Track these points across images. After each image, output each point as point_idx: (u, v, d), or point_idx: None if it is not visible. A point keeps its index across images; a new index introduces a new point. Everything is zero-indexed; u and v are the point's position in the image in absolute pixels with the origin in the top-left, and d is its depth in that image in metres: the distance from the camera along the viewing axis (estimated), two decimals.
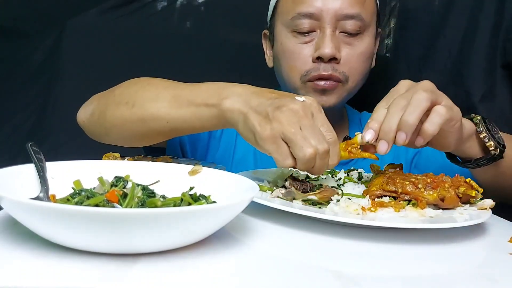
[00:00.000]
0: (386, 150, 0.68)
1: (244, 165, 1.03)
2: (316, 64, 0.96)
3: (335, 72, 0.95)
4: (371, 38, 1.00)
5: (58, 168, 0.63)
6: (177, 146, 1.03)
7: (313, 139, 0.64)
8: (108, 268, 0.45)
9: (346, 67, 0.97)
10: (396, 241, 0.62)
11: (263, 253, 0.55)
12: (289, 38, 0.99)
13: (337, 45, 0.95)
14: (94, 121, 0.86)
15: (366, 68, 1.02)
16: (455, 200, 0.69)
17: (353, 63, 0.98)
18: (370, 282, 0.49)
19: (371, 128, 0.69)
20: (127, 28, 1.35)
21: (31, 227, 0.49)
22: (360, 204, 0.66)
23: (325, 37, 0.94)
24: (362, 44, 0.98)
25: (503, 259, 0.59)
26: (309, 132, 0.64)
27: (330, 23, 0.95)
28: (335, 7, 0.94)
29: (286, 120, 0.64)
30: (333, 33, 0.95)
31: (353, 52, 0.97)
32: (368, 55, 1.00)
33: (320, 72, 0.95)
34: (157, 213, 0.46)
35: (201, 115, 0.73)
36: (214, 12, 1.36)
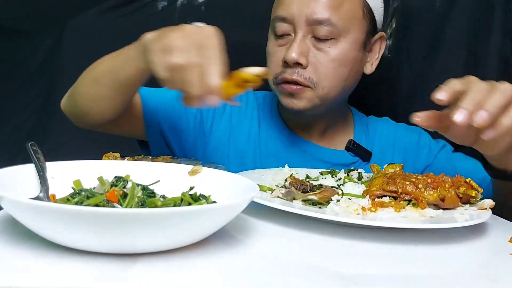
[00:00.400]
0: (462, 120, 0.63)
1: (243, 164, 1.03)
2: (283, 68, 0.97)
3: (300, 77, 0.95)
4: (348, 44, 0.97)
5: (58, 168, 0.63)
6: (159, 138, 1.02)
7: (188, 51, 0.64)
8: (108, 268, 0.45)
9: (313, 72, 0.96)
10: (396, 241, 0.62)
11: (263, 253, 0.55)
12: (271, 39, 1.01)
13: (304, 50, 0.95)
14: (68, 102, 0.95)
15: (343, 73, 0.98)
16: (455, 200, 0.69)
17: (323, 69, 0.96)
18: (370, 282, 0.49)
19: (446, 91, 0.67)
20: (127, 28, 1.35)
21: (31, 227, 0.49)
22: (360, 204, 0.66)
23: (293, 42, 0.95)
24: (335, 50, 0.96)
25: (503, 259, 0.59)
26: (186, 43, 0.65)
27: (301, 28, 0.95)
28: (306, 12, 0.94)
29: (175, 33, 0.67)
30: (304, 38, 0.95)
31: (323, 59, 0.96)
32: (343, 59, 0.97)
33: (284, 75, 0.96)
34: (157, 213, 0.46)
35: (131, 54, 0.77)
36: (214, 12, 1.36)
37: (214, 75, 0.64)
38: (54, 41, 1.36)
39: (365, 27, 1.00)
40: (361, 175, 0.85)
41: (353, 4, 0.97)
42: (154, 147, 1.03)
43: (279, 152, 1.05)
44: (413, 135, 1.12)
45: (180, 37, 0.66)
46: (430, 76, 1.27)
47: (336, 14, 0.95)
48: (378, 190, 0.70)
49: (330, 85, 0.98)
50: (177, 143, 1.03)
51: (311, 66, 0.96)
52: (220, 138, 1.05)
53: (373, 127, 1.14)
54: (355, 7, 0.98)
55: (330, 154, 1.06)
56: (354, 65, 1.00)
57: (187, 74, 0.64)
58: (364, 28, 1.00)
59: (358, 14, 0.98)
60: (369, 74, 1.04)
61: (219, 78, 0.64)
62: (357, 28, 0.98)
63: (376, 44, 1.05)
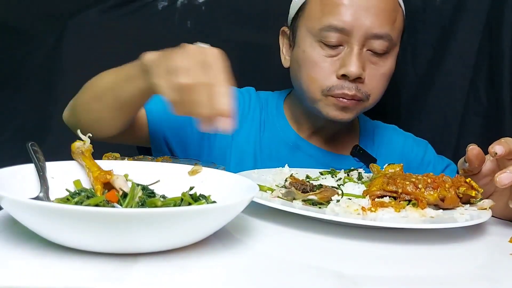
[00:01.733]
0: (506, 185, 0.66)
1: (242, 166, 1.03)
2: (340, 81, 0.93)
3: (359, 92, 0.93)
4: (395, 57, 0.98)
5: (58, 168, 0.63)
6: (162, 145, 1.01)
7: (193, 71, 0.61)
8: (108, 268, 0.45)
9: (368, 86, 0.95)
10: (396, 241, 0.62)
11: (263, 253, 0.55)
12: (314, 47, 0.95)
13: (363, 64, 0.93)
14: (69, 113, 0.93)
15: (386, 86, 1.00)
16: (455, 200, 0.69)
17: (376, 83, 0.96)
18: (370, 282, 0.49)
19: (504, 146, 0.69)
20: (127, 27, 1.35)
21: (31, 227, 0.49)
22: (360, 204, 0.66)
23: (352, 55, 0.92)
24: (387, 64, 0.96)
25: (504, 260, 0.59)
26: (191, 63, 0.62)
27: (359, 40, 0.92)
28: (366, 24, 0.91)
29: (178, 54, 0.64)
30: (360, 51, 0.93)
31: (377, 72, 0.95)
32: (390, 75, 0.99)
33: (344, 91, 0.93)
34: (157, 213, 0.46)
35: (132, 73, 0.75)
36: (214, 11, 1.36)
37: (224, 96, 0.60)
38: (54, 41, 1.36)
39: (401, 38, 1.01)
40: (361, 175, 0.85)
41: (400, 18, 0.97)
42: (157, 153, 1.02)
43: (282, 155, 1.04)
44: (420, 150, 1.13)
45: (184, 57, 0.63)
46: (434, 78, 1.27)
47: (393, 29, 0.94)
48: (378, 190, 0.70)
49: (377, 98, 0.99)
50: (181, 149, 1.02)
51: (367, 80, 0.95)
52: (223, 141, 1.04)
53: (380, 135, 1.13)
54: (401, 21, 0.98)
55: (335, 159, 1.05)
56: (391, 76, 1.01)
57: (195, 94, 0.60)
58: (401, 38, 1.01)
59: (401, 25, 0.99)
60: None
61: (229, 99, 0.60)
62: (399, 40, 1.00)
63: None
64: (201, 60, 0.62)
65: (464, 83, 1.22)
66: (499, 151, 0.68)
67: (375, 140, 1.12)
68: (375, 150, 1.09)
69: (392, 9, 0.94)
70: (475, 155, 0.71)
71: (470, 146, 0.72)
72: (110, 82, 0.80)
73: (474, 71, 1.21)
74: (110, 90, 0.80)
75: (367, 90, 0.95)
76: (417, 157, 1.11)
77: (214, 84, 0.61)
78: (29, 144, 0.65)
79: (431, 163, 1.10)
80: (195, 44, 0.66)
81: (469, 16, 1.22)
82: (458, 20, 1.23)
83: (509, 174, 0.66)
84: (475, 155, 0.71)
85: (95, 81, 0.85)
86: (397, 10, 0.96)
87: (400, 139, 1.14)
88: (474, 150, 0.71)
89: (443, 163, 1.11)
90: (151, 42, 1.35)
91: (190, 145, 1.03)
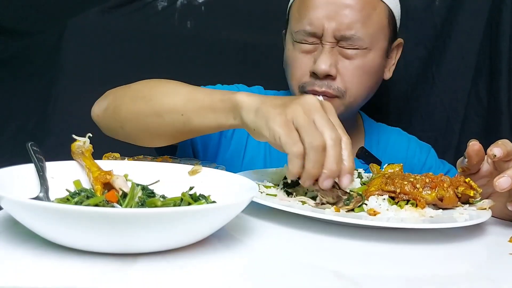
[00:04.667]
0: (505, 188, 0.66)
1: (254, 166, 1.02)
2: (311, 78, 0.96)
3: (329, 88, 0.95)
4: (374, 53, 0.97)
5: (58, 168, 0.63)
6: (188, 146, 1.02)
7: (326, 129, 0.62)
8: (108, 268, 0.45)
9: (342, 82, 0.95)
10: (396, 241, 0.62)
11: (263, 253, 0.55)
12: (294, 47, 0.99)
13: (334, 61, 0.94)
14: (108, 115, 0.86)
15: (369, 81, 0.99)
16: (454, 200, 0.69)
17: (350, 77, 0.96)
18: (370, 282, 0.49)
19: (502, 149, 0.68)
20: (128, 28, 1.35)
21: (31, 227, 0.49)
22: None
23: (322, 53, 0.94)
24: (363, 59, 0.96)
25: (503, 259, 0.59)
26: (322, 123, 0.63)
27: (329, 41, 0.94)
28: (332, 27, 0.93)
29: (301, 109, 0.63)
30: (332, 49, 0.94)
31: (350, 66, 0.95)
32: (370, 68, 0.98)
33: (314, 88, 0.95)
34: (157, 213, 0.46)
35: (215, 106, 0.73)
36: (214, 12, 1.36)
37: (352, 156, 0.64)
38: (55, 41, 1.36)
39: (388, 35, 1.00)
40: (361, 175, 0.85)
41: (380, 15, 0.97)
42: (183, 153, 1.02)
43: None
44: (422, 154, 1.13)
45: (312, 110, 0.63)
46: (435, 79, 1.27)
47: (363, 29, 0.94)
48: (377, 191, 0.70)
49: (357, 93, 0.98)
50: (203, 149, 1.03)
51: (340, 75, 0.95)
52: (238, 143, 1.05)
53: (385, 138, 1.13)
54: (381, 17, 0.97)
55: None
56: (378, 72, 1.00)
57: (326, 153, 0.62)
58: (387, 35, 1.00)
59: (383, 23, 0.98)
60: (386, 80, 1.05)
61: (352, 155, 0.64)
62: (383, 37, 0.98)
63: (394, 50, 1.05)
64: (322, 116, 0.63)
65: (466, 83, 1.22)
66: (498, 153, 0.68)
67: (380, 143, 1.12)
68: (379, 152, 1.09)
69: (362, 8, 0.94)
70: (476, 151, 0.71)
71: (472, 142, 0.71)
72: (181, 105, 0.76)
73: (476, 72, 1.21)
74: (179, 113, 0.76)
75: (340, 86, 0.95)
76: (419, 161, 1.11)
77: (339, 142, 0.62)
78: (29, 144, 0.65)
79: (432, 167, 1.11)
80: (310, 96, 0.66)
81: (469, 16, 1.21)
82: (459, 20, 1.23)
83: (508, 178, 0.66)
84: (475, 151, 0.71)
85: (154, 94, 0.81)
86: (372, 6, 0.95)
87: (404, 143, 1.14)
88: (475, 146, 0.71)
89: (444, 168, 1.11)
90: (151, 42, 1.36)
91: (211, 145, 1.04)
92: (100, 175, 0.60)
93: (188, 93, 0.77)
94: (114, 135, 0.89)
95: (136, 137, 0.85)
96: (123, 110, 0.82)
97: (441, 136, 1.25)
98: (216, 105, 0.73)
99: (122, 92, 0.86)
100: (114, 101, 0.86)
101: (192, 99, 0.76)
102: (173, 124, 0.78)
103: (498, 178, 0.66)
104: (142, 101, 0.80)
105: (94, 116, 0.90)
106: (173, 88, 0.80)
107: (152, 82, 0.84)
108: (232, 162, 1.03)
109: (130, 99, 0.82)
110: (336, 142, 0.62)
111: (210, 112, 0.73)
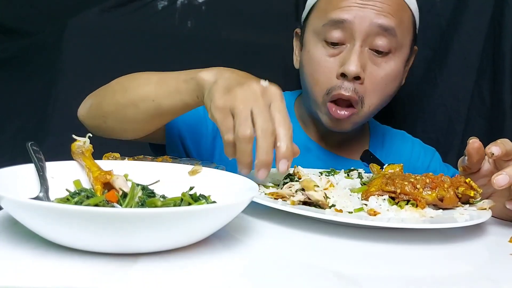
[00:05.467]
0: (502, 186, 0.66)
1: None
2: (339, 81, 0.92)
3: (356, 94, 0.91)
4: (400, 60, 0.95)
5: (58, 168, 0.63)
6: (177, 143, 1.02)
7: (258, 119, 0.63)
8: (108, 268, 0.45)
9: (366, 88, 0.92)
10: (396, 241, 0.62)
11: (263, 253, 0.55)
12: (318, 47, 0.95)
13: (363, 62, 0.91)
14: (92, 112, 0.90)
15: (389, 90, 0.97)
16: (454, 200, 0.69)
17: (375, 85, 0.93)
18: (370, 282, 0.49)
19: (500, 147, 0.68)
20: (128, 27, 1.35)
21: (31, 227, 0.49)
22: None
23: (352, 53, 0.90)
24: (389, 66, 0.93)
25: (504, 259, 0.59)
26: (256, 112, 0.63)
27: (360, 36, 0.90)
28: (371, 17, 0.89)
29: (241, 96, 0.64)
30: (362, 49, 0.91)
31: (377, 74, 0.92)
32: (393, 77, 0.95)
33: (341, 92, 0.91)
34: (157, 213, 0.46)
35: (180, 88, 0.77)
36: (215, 11, 1.36)
37: (288, 141, 0.63)
38: (55, 41, 1.36)
39: (410, 41, 0.98)
40: (361, 175, 0.85)
41: (408, 17, 0.95)
42: (171, 150, 1.02)
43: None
44: (426, 157, 1.12)
45: (249, 99, 0.64)
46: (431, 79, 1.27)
47: (400, 26, 0.92)
48: (377, 191, 0.70)
49: (376, 102, 0.96)
50: (195, 147, 1.02)
51: (366, 81, 0.92)
52: None
53: (389, 141, 1.13)
54: (409, 20, 0.96)
55: (345, 163, 1.04)
56: (398, 80, 0.98)
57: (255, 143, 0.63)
58: (410, 42, 0.98)
59: (410, 28, 0.96)
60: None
61: (290, 145, 0.63)
62: (407, 43, 0.97)
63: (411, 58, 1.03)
64: (265, 103, 0.64)
65: (468, 84, 1.21)
66: (496, 152, 0.68)
67: (384, 146, 1.11)
68: (384, 155, 1.09)
69: (399, 8, 0.92)
70: (476, 149, 0.70)
71: (472, 139, 0.71)
72: (152, 92, 0.80)
73: (478, 72, 1.20)
74: (151, 100, 0.80)
75: (363, 93, 0.93)
76: (423, 165, 1.11)
77: (275, 131, 0.63)
78: (29, 144, 0.65)
79: (436, 171, 1.10)
80: (256, 81, 0.67)
81: (472, 17, 1.21)
82: (462, 21, 1.22)
83: (506, 176, 0.66)
84: (475, 149, 0.70)
85: (129, 85, 0.84)
86: (404, 10, 0.94)
87: (408, 146, 1.13)
88: (475, 144, 0.71)
89: (448, 172, 1.11)
90: (151, 42, 1.36)
91: (204, 144, 1.03)
92: (100, 175, 0.60)
93: (158, 79, 0.81)
94: (100, 131, 0.91)
95: (119, 129, 0.88)
96: (104, 104, 0.87)
97: (443, 137, 1.25)
98: (181, 86, 0.77)
99: (103, 89, 0.90)
100: (96, 99, 0.90)
101: (161, 84, 0.80)
102: (147, 111, 0.82)
103: (496, 175, 0.66)
104: (120, 93, 0.84)
105: (80, 117, 0.94)
106: (145, 78, 0.84)
107: (130, 75, 0.87)
108: (231, 162, 1.02)
109: (110, 93, 0.87)
110: (267, 133, 0.62)
111: (176, 94, 0.77)
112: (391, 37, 0.91)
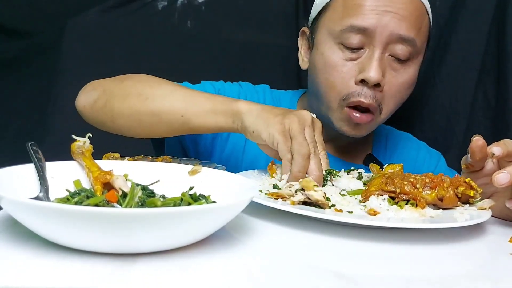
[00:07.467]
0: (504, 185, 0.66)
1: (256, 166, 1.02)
2: (358, 87, 0.90)
3: (375, 101, 0.90)
4: (417, 66, 0.94)
5: (58, 168, 0.63)
6: (176, 143, 1.02)
7: (310, 142, 0.72)
8: (108, 268, 0.45)
9: (385, 95, 0.91)
10: (396, 241, 0.62)
11: (263, 253, 0.55)
12: (334, 50, 0.92)
13: (383, 69, 0.89)
14: (98, 108, 0.87)
15: (405, 96, 0.96)
16: (454, 200, 0.68)
17: (394, 92, 0.92)
18: (370, 282, 0.49)
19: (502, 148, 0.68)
20: (127, 27, 1.35)
21: (31, 227, 0.49)
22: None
23: (373, 59, 0.88)
24: (407, 73, 0.92)
25: (504, 259, 0.59)
26: (308, 136, 0.72)
27: (381, 43, 0.88)
28: (392, 26, 0.87)
29: (297, 120, 0.72)
30: (382, 55, 0.89)
31: (396, 81, 0.91)
32: (410, 84, 0.95)
33: (361, 99, 0.90)
34: (157, 213, 0.46)
35: (216, 109, 0.79)
36: (214, 11, 1.36)
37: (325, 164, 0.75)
38: (55, 41, 1.36)
39: (425, 48, 0.98)
40: (361, 175, 0.85)
41: (426, 23, 0.94)
42: (170, 149, 1.02)
43: None
44: (432, 162, 1.11)
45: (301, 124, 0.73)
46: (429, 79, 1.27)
47: (419, 35, 0.91)
48: (377, 191, 0.70)
49: (392, 108, 0.95)
50: (193, 147, 1.02)
51: (385, 87, 0.91)
52: (236, 143, 1.03)
53: (393, 143, 1.12)
54: (426, 26, 0.95)
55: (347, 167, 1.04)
56: (414, 85, 0.97)
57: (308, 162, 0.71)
58: (425, 48, 0.97)
59: (426, 33, 0.96)
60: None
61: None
62: (424, 47, 0.96)
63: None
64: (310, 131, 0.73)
65: (468, 84, 1.21)
66: (497, 152, 0.67)
67: (387, 147, 1.10)
68: (387, 157, 1.08)
69: (419, 14, 0.91)
70: (479, 147, 0.70)
71: (475, 137, 0.71)
72: (181, 108, 0.80)
73: (481, 73, 1.20)
74: (179, 114, 0.81)
75: (381, 100, 0.91)
76: (429, 169, 1.09)
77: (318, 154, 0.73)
78: (29, 144, 0.65)
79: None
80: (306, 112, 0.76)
81: (471, 16, 1.21)
82: (461, 20, 1.22)
83: (506, 175, 0.65)
84: (479, 147, 0.70)
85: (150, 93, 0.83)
86: (424, 17, 0.93)
87: (413, 149, 1.12)
88: (478, 142, 0.70)
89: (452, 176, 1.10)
90: (151, 42, 1.36)
91: (202, 144, 1.03)
92: (100, 175, 0.60)
93: (186, 95, 0.82)
94: (103, 127, 0.89)
95: (128, 130, 0.87)
96: (116, 105, 0.84)
97: (441, 137, 1.25)
98: (217, 108, 0.78)
99: (113, 86, 0.87)
100: (105, 95, 0.86)
101: (193, 102, 0.80)
102: (170, 123, 0.82)
103: (497, 173, 0.66)
104: (137, 99, 0.82)
105: (80, 106, 0.89)
106: (170, 90, 0.83)
107: (145, 80, 0.86)
108: (230, 163, 1.02)
109: (123, 95, 0.84)
110: (316, 153, 0.72)
111: (211, 115, 0.79)
112: (411, 46, 0.90)
